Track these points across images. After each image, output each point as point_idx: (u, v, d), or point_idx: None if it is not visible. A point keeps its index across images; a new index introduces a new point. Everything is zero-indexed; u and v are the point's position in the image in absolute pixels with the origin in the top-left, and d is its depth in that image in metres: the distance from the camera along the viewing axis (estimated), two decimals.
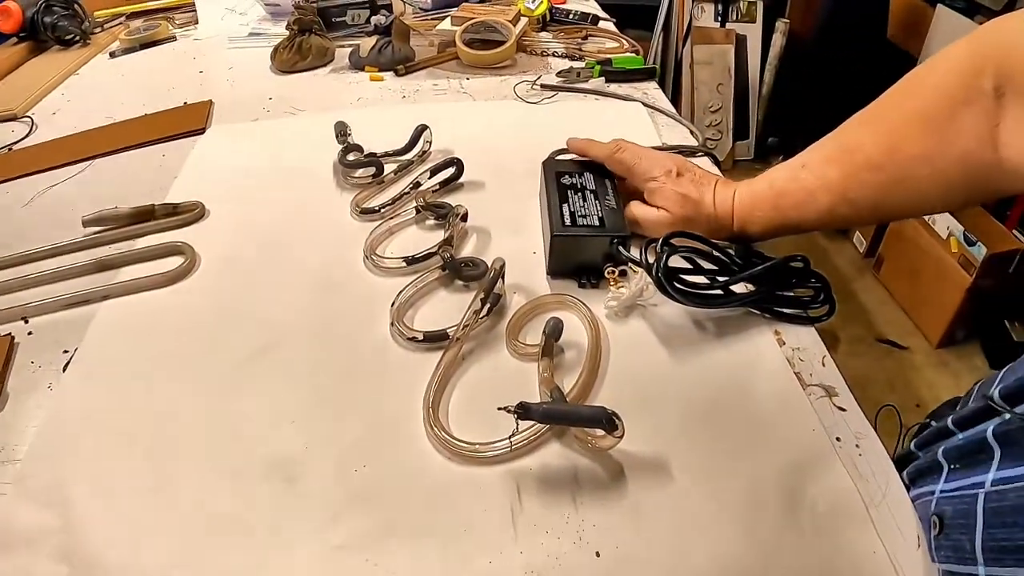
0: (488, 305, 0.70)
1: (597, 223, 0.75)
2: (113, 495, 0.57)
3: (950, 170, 0.65)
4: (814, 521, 0.54)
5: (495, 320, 0.72)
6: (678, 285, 0.68)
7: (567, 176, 0.83)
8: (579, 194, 0.79)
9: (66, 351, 0.70)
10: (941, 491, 0.56)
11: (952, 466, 0.56)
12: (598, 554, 0.52)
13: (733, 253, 0.72)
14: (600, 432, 0.57)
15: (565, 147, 0.88)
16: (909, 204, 0.70)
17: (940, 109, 0.64)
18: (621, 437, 0.56)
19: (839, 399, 0.64)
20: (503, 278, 0.73)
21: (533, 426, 0.59)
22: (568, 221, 0.75)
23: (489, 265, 0.73)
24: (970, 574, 0.50)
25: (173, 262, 0.80)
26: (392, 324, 0.71)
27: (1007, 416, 0.51)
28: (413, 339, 0.69)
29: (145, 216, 0.87)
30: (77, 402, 0.65)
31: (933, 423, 0.69)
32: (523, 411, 0.55)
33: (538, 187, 0.87)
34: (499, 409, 0.55)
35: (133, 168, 1.04)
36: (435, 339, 0.69)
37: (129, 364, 0.69)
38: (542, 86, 1.25)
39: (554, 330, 0.68)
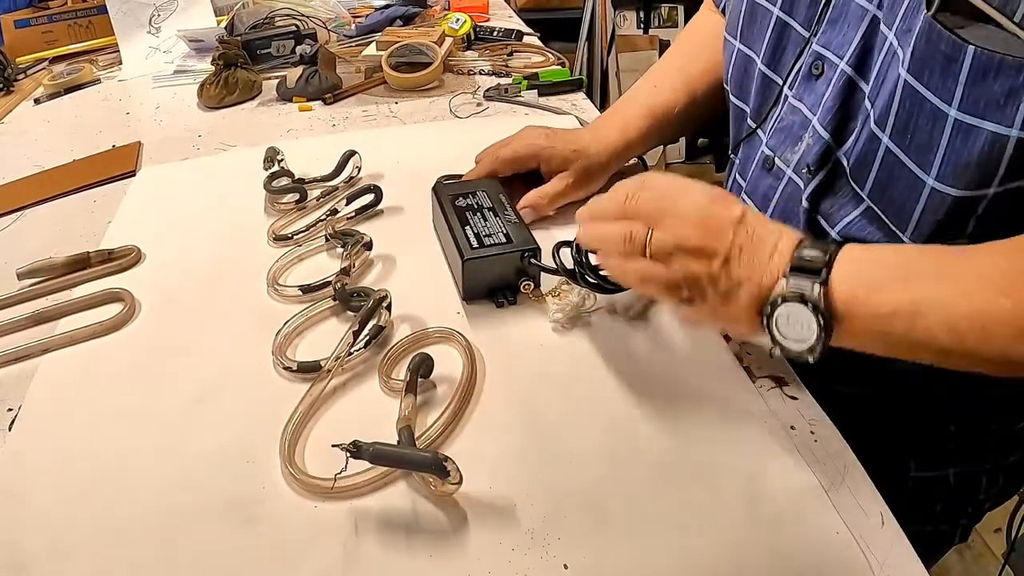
0: (367, 337, 0.70)
1: (504, 240, 0.76)
2: (71, 551, 0.55)
3: None
4: (776, 510, 0.56)
5: (378, 352, 0.71)
6: (604, 278, 0.69)
7: (461, 198, 0.83)
8: (478, 214, 0.80)
9: (10, 409, 0.69)
10: None
11: None
12: (566, 567, 0.52)
13: None
14: None
15: (452, 173, 0.90)
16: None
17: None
18: (458, 484, 0.55)
19: (789, 388, 0.66)
20: (389, 309, 0.73)
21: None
22: (475, 243, 0.75)
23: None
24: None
25: (112, 309, 0.79)
26: (273, 353, 0.71)
27: None
28: (288, 368, 0.69)
29: (81, 264, 0.86)
30: (26, 459, 0.64)
31: None
32: (355, 450, 0.54)
33: (433, 214, 0.87)
34: (333, 446, 0.54)
35: (65, 216, 1.02)
36: (307, 370, 0.68)
37: (76, 417, 0.68)
38: (485, 96, 1.28)
39: (419, 366, 0.66)
